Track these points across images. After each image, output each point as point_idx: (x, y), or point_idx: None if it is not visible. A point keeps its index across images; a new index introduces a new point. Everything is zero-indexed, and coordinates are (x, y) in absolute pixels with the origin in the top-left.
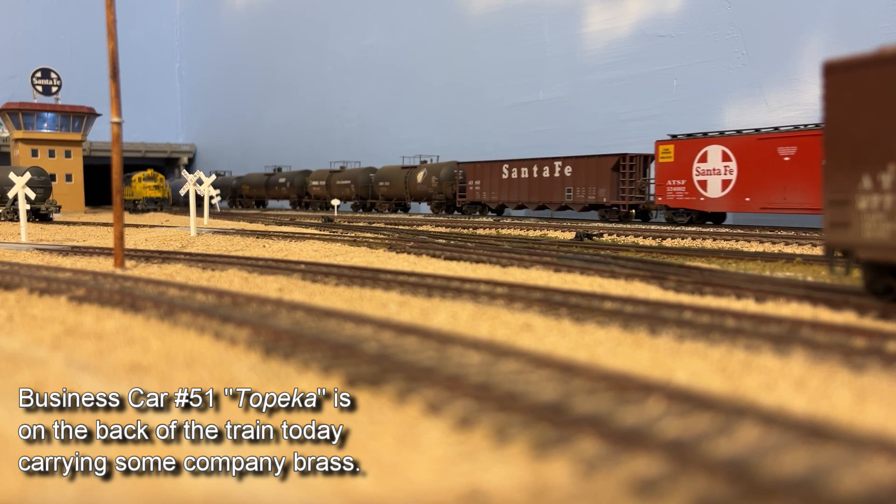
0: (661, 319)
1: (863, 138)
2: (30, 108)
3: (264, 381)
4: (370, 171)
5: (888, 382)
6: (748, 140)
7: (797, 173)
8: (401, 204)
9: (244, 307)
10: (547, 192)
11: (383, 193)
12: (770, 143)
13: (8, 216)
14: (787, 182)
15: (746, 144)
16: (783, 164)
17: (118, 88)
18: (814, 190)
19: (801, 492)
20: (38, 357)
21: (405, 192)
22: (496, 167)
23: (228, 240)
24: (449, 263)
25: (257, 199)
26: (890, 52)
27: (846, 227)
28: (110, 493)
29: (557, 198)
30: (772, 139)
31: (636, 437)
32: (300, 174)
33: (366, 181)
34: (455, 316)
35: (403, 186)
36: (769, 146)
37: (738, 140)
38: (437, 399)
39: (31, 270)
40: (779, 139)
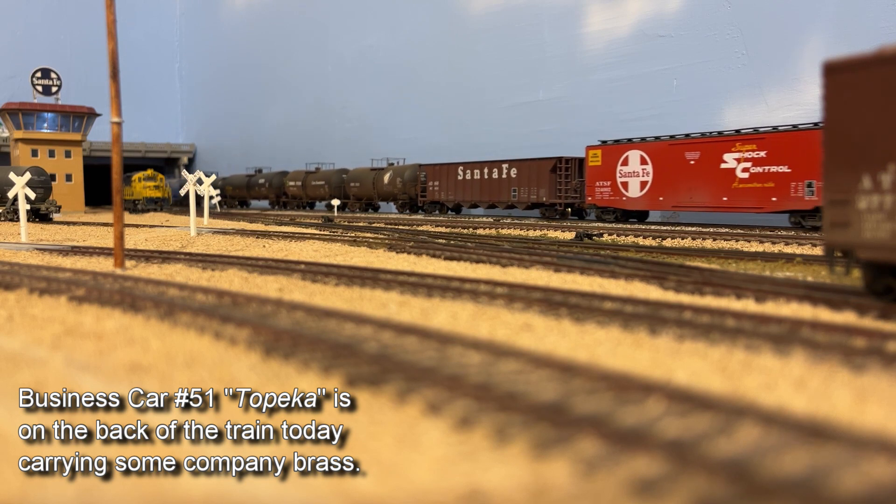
0: (661, 319)
1: (863, 138)
2: (30, 108)
3: (264, 381)
4: (343, 172)
5: (888, 382)
6: (661, 146)
7: (700, 176)
8: (370, 203)
9: (244, 307)
10: (496, 191)
11: (354, 193)
12: (678, 149)
13: (8, 216)
14: (693, 183)
15: (660, 150)
16: (689, 168)
17: (118, 88)
18: (713, 190)
19: (801, 492)
20: (38, 357)
21: (373, 193)
22: (452, 169)
23: (228, 240)
24: (449, 263)
25: (240, 200)
26: (890, 52)
27: (846, 227)
28: (110, 493)
29: (504, 197)
30: (680, 145)
31: (636, 437)
32: (278, 175)
33: (338, 182)
34: (455, 316)
35: (372, 187)
36: (678, 151)
37: (654, 146)
38: (437, 399)
39: (31, 270)
40: (685, 145)
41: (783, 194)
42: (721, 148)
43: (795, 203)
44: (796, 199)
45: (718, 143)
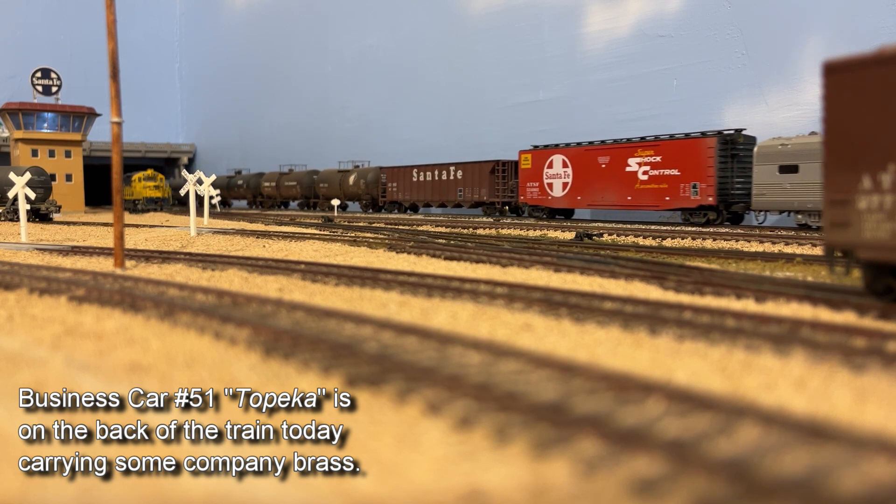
0: (661, 319)
1: (863, 138)
2: (30, 108)
3: (264, 381)
4: (313, 173)
5: (888, 382)
6: (579, 151)
7: (610, 178)
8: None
9: (244, 307)
10: (445, 192)
11: (323, 193)
12: (593, 154)
13: (8, 216)
14: (604, 184)
15: (578, 154)
16: (601, 171)
17: (118, 88)
18: (620, 190)
19: (801, 492)
20: (38, 357)
21: (340, 193)
22: (408, 171)
23: (228, 240)
24: (449, 263)
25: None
26: (890, 52)
27: (846, 227)
28: (110, 493)
29: (452, 197)
30: (593, 150)
31: (636, 437)
32: (255, 176)
33: (309, 182)
34: (455, 316)
35: (339, 187)
36: (592, 156)
37: (573, 151)
38: (437, 399)
39: (31, 270)
40: (598, 150)
41: (674, 194)
42: (626, 153)
43: (684, 202)
44: (684, 199)
45: (624, 148)
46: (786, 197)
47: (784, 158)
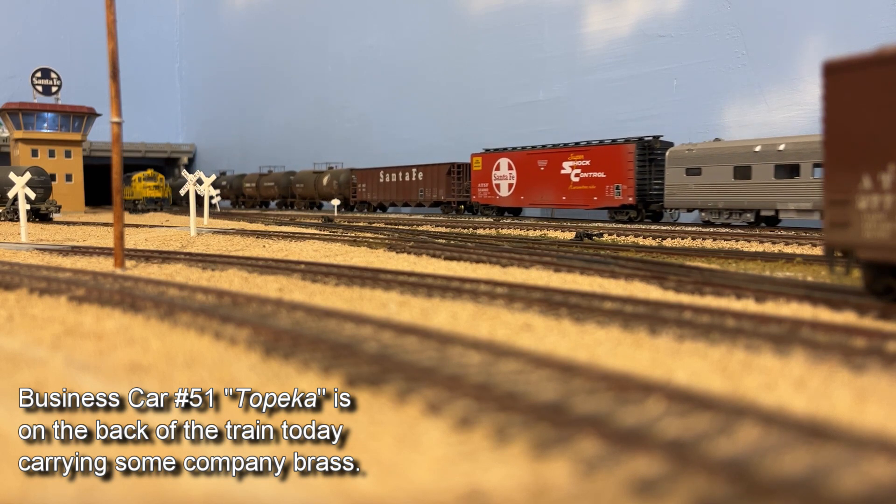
0: (661, 319)
1: (863, 138)
2: (30, 108)
3: (264, 381)
4: (290, 174)
5: (888, 382)
6: (522, 155)
7: (548, 179)
8: (313, 202)
9: (244, 307)
10: (407, 192)
11: (299, 193)
12: (533, 157)
13: (8, 216)
14: (543, 185)
15: (521, 158)
16: (540, 173)
17: (118, 88)
18: (556, 191)
19: (801, 492)
20: (38, 357)
21: (315, 193)
22: (375, 173)
23: (228, 240)
24: (449, 263)
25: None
26: (890, 52)
27: (846, 227)
28: (110, 493)
29: (414, 197)
30: (534, 154)
31: (636, 437)
32: (237, 178)
33: (286, 183)
34: (455, 316)
35: (314, 188)
36: (533, 159)
37: (517, 154)
38: (437, 399)
39: (31, 270)
40: (538, 154)
41: (601, 195)
42: (561, 157)
43: (609, 202)
44: (609, 199)
45: (559, 153)
46: (691, 196)
47: (690, 162)
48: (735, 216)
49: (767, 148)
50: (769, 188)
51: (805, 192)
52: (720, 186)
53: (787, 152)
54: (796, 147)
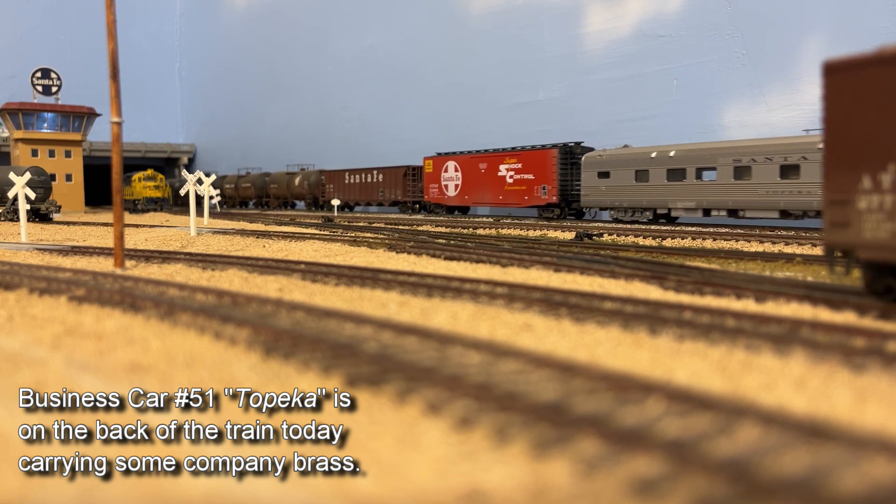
0: (661, 319)
1: (863, 138)
2: (30, 108)
3: (264, 381)
4: (266, 175)
5: (888, 382)
6: (466, 158)
7: (487, 180)
8: (286, 202)
9: (244, 307)
10: (370, 192)
11: (273, 194)
12: (475, 160)
13: (8, 216)
14: (483, 186)
15: (466, 160)
16: (481, 174)
17: (118, 88)
18: (494, 191)
19: (801, 492)
20: (38, 357)
21: (287, 193)
22: (342, 174)
23: (228, 240)
24: (449, 263)
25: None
26: (890, 52)
27: (846, 227)
28: (110, 493)
29: (375, 197)
30: (476, 158)
31: (636, 437)
32: (219, 179)
33: (262, 184)
34: (455, 316)
35: (286, 188)
36: (475, 162)
37: (462, 158)
38: (437, 399)
39: (31, 270)
40: (479, 158)
41: (531, 195)
42: (498, 160)
43: (537, 200)
44: (537, 198)
45: (496, 157)
46: (602, 197)
47: (601, 166)
48: (637, 214)
49: (661, 154)
50: (662, 189)
51: (690, 193)
52: (625, 188)
53: (675, 158)
54: (683, 153)
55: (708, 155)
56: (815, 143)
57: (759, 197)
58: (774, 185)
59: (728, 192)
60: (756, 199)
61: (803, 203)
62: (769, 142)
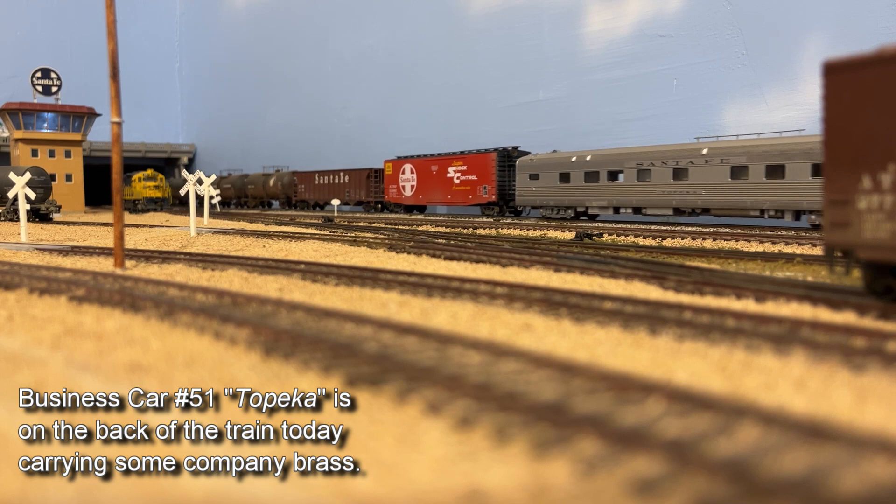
0: (661, 319)
1: (863, 138)
2: (30, 108)
3: (264, 381)
4: (244, 177)
5: (888, 382)
6: (421, 161)
7: (438, 182)
8: (262, 201)
9: (244, 307)
10: (337, 192)
11: (251, 194)
12: (428, 163)
13: (8, 216)
14: (435, 186)
15: (420, 163)
16: (433, 176)
17: (118, 88)
18: (443, 191)
19: (801, 492)
20: (38, 357)
21: (263, 193)
22: (312, 176)
23: (228, 240)
24: (449, 263)
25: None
26: (890, 52)
27: (846, 227)
28: (110, 493)
29: (342, 197)
30: (428, 161)
31: (636, 437)
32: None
33: (241, 185)
34: (455, 316)
35: (262, 189)
36: (428, 165)
37: (417, 161)
38: (437, 399)
39: (31, 270)
40: (431, 161)
41: (474, 194)
42: (447, 163)
43: (479, 199)
44: (480, 197)
45: (445, 160)
46: (533, 196)
47: (532, 169)
48: (562, 212)
49: (580, 158)
50: (581, 190)
51: (602, 193)
52: (551, 189)
53: (591, 162)
54: (597, 158)
55: (617, 159)
56: (699, 149)
57: (657, 196)
58: (668, 186)
59: (632, 193)
60: (655, 198)
61: (691, 201)
62: (664, 148)
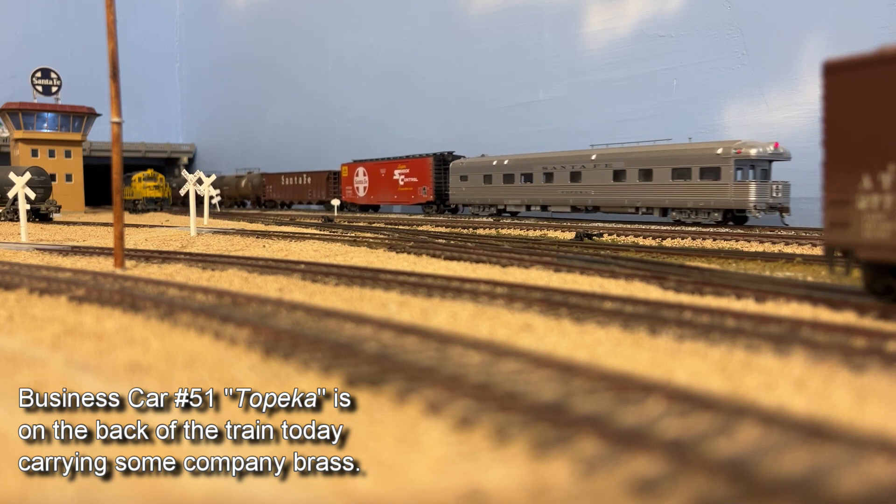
0: (661, 319)
1: (863, 138)
2: (30, 108)
3: (264, 381)
4: (221, 178)
5: (888, 382)
6: (371, 164)
7: (386, 183)
8: (236, 202)
9: (244, 307)
10: (301, 193)
11: (226, 195)
12: (377, 166)
13: (8, 216)
14: (384, 188)
15: (370, 167)
16: (382, 178)
17: (118, 88)
18: (390, 192)
19: (801, 492)
20: (38, 357)
21: (236, 193)
22: (278, 177)
23: (228, 240)
24: (449, 263)
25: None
26: (890, 52)
27: (846, 227)
28: (110, 493)
29: (305, 197)
30: (377, 164)
31: (636, 437)
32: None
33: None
34: (455, 316)
35: (236, 189)
36: (377, 168)
37: (368, 164)
38: (437, 399)
39: (31, 270)
40: (380, 164)
41: (416, 194)
42: (393, 166)
43: (420, 199)
44: (420, 197)
45: (392, 163)
46: (463, 195)
47: (462, 171)
48: (486, 209)
49: (499, 162)
50: (500, 190)
51: (517, 193)
52: (477, 189)
53: (508, 166)
54: (513, 162)
55: (528, 164)
56: (590, 155)
57: (557, 196)
58: (567, 187)
59: (540, 193)
60: (556, 198)
61: (583, 200)
62: (563, 154)
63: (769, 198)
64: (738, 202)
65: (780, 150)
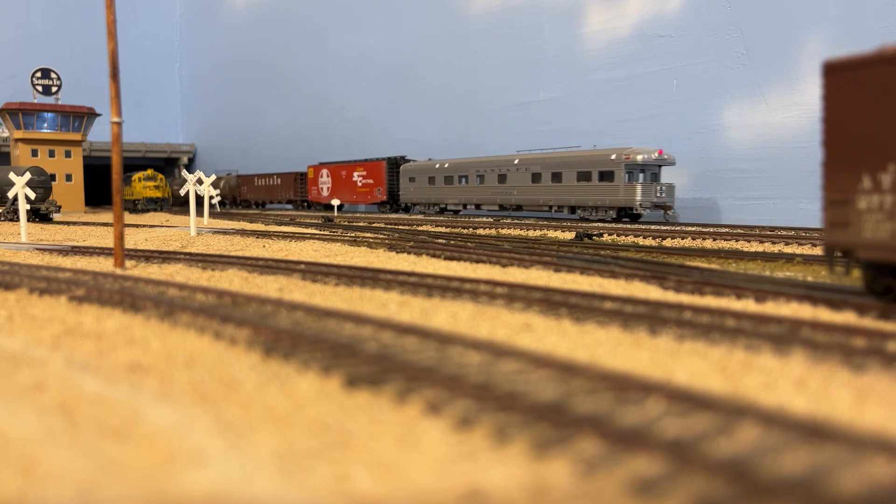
0: (661, 319)
1: (863, 138)
2: (30, 108)
3: (264, 381)
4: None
5: (888, 382)
6: (333, 166)
7: (346, 184)
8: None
9: (244, 307)
10: (272, 193)
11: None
12: (339, 169)
13: (8, 216)
14: (345, 188)
15: (333, 168)
16: (342, 179)
17: (118, 88)
18: (350, 192)
19: (801, 492)
20: (38, 357)
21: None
22: (252, 178)
23: (228, 240)
24: (449, 263)
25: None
26: (890, 52)
27: (846, 227)
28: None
29: (276, 197)
30: (339, 167)
31: (636, 437)
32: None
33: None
34: (455, 316)
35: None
36: (338, 170)
37: (331, 166)
38: (437, 399)
39: (31, 270)
40: (341, 167)
41: (372, 194)
42: (352, 169)
43: (375, 199)
44: (375, 197)
45: (351, 166)
46: (412, 195)
47: (410, 174)
48: (431, 208)
49: (440, 165)
50: (441, 191)
51: (456, 193)
52: (423, 189)
53: (448, 168)
54: (452, 165)
55: (464, 167)
56: (513, 160)
57: (488, 196)
58: (495, 188)
59: (474, 193)
60: (487, 197)
61: (508, 199)
62: (492, 158)
63: (654, 197)
64: (626, 201)
65: (664, 157)
